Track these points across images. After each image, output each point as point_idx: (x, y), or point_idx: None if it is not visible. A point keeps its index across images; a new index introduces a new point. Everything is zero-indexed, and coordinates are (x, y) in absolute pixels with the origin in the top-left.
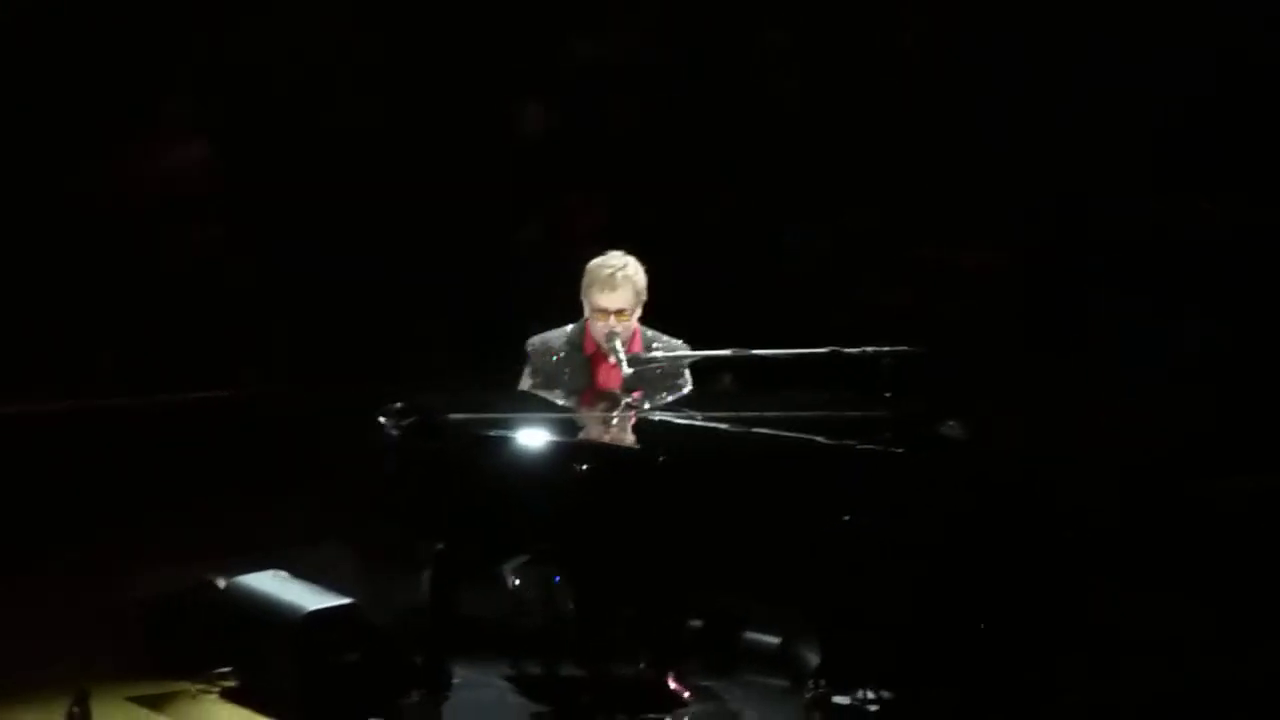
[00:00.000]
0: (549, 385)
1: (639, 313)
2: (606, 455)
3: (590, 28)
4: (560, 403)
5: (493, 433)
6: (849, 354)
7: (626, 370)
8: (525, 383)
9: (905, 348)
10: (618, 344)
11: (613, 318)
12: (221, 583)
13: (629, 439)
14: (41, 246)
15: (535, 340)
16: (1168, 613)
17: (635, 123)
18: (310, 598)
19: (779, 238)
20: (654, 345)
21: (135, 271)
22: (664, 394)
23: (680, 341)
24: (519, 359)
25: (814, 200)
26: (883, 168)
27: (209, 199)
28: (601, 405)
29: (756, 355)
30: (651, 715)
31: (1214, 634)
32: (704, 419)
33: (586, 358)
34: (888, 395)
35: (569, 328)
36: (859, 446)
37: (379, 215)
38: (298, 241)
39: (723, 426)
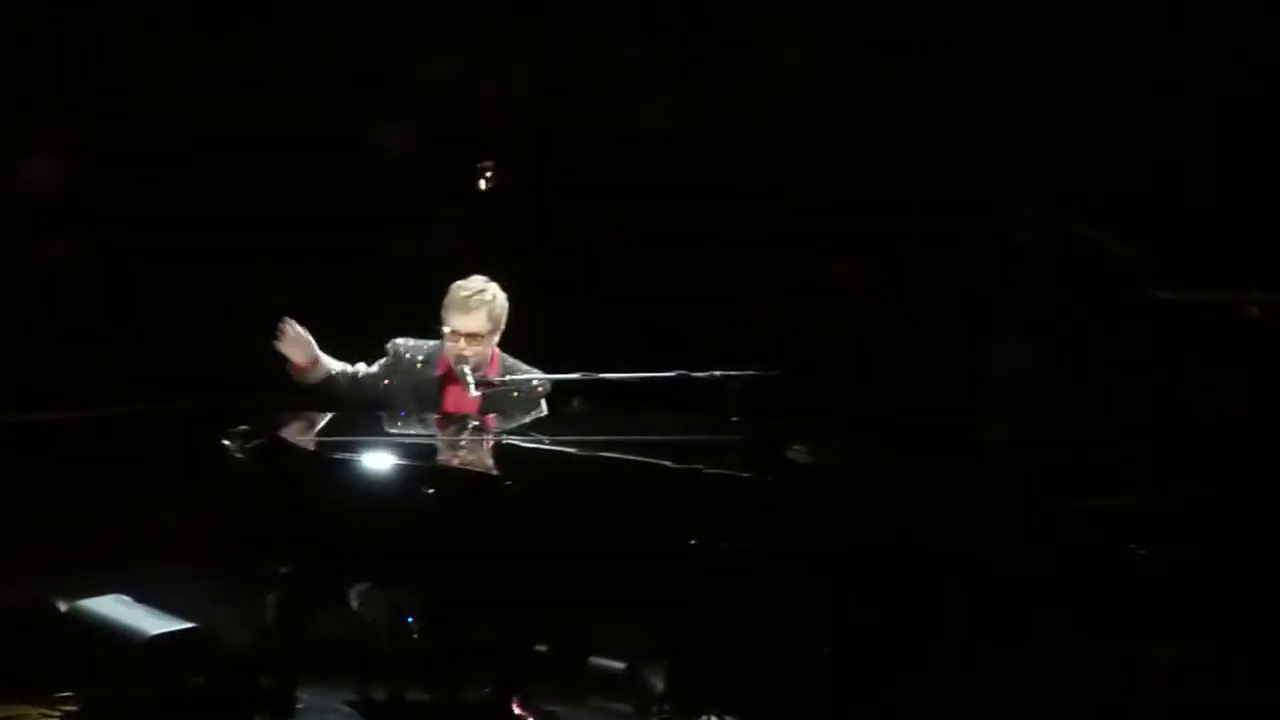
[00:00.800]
0: (389, 388)
1: (495, 339)
2: (455, 479)
3: (455, 47)
4: (397, 419)
5: (341, 455)
6: (697, 378)
7: (473, 393)
8: (371, 368)
9: (754, 371)
10: (466, 369)
11: (463, 340)
12: (63, 606)
13: (478, 463)
14: None
15: (401, 341)
16: (1034, 632)
17: (501, 142)
18: (154, 622)
19: (651, 256)
20: (515, 372)
21: None
22: (518, 420)
23: (538, 372)
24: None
25: (682, 216)
26: (754, 183)
27: (65, 212)
28: (451, 428)
29: (605, 379)
30: None
31: (1079, 649)
32: (552, 442)
33: (439, 377)
34: (735, 419)
35: (434, 343)
36: (705, 470)
37: (233, 232)
38: (144, 255)
39: (572, 450)
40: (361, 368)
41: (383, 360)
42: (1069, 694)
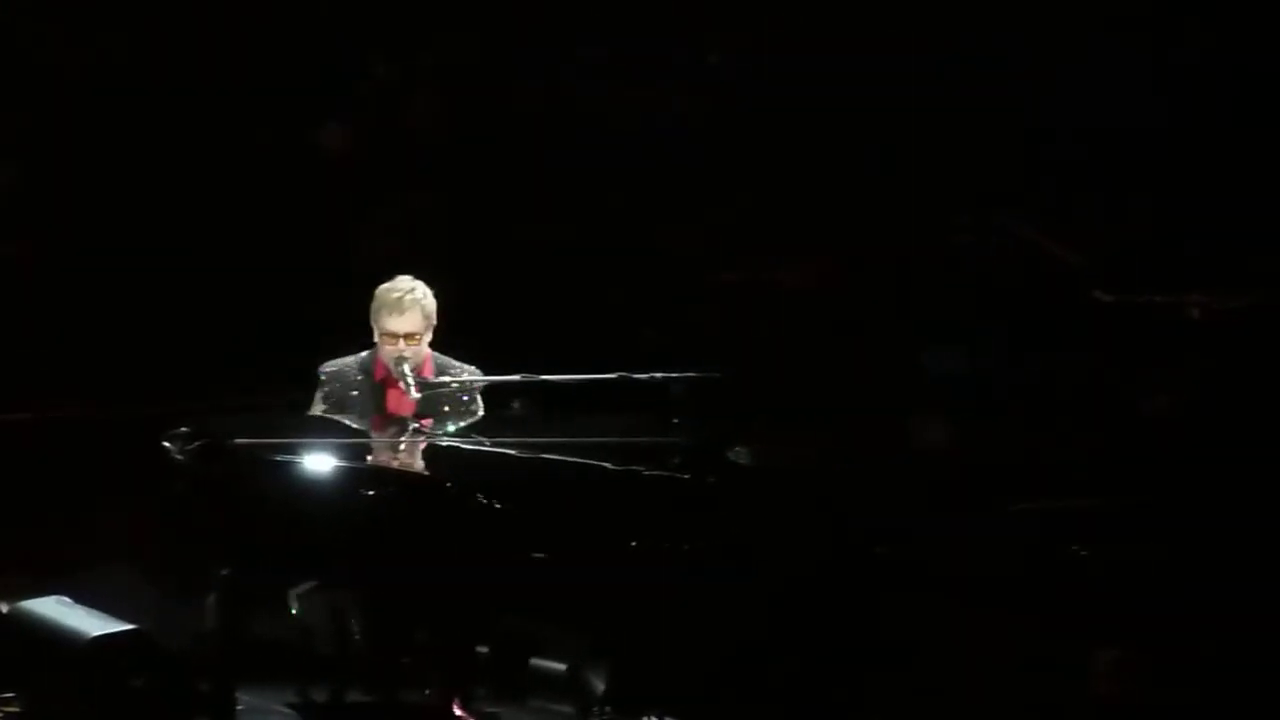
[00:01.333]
0: (340, 409)
1: (429, 337)
2: (394, 481)
3: (398, 47)
4: (352, 426)
5: (280, 457)
6: (638, 379)
7: (414, 395)
8: (317, 408)
9: (695, 373)
10: (406, 369)
11: (402, 341)
12: (4, 608)
13: (417, 464)
14: None
15: (328, 366)
16: (979, 630)
17: (436, 139)
18: (95, 624)
19: (587, 258)
20: (447, 371)
21: None
22: (454, 420)
23: (472, 369)
24: (308, 382)
25: (624, 219)
26: (698, 186)
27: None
28: (390, 430)
29: (545, 380)
30: None
31: (1034, 651)
32: (492, 444)
33: (378, 383)
34: (676, 421)
35: (362, 354)
36: (646, 472)
37: (176, 230)
38: (90, 258)
39: (511, 452)
40: (317, 408)
41: (319, 394)
42: (1011, 695)
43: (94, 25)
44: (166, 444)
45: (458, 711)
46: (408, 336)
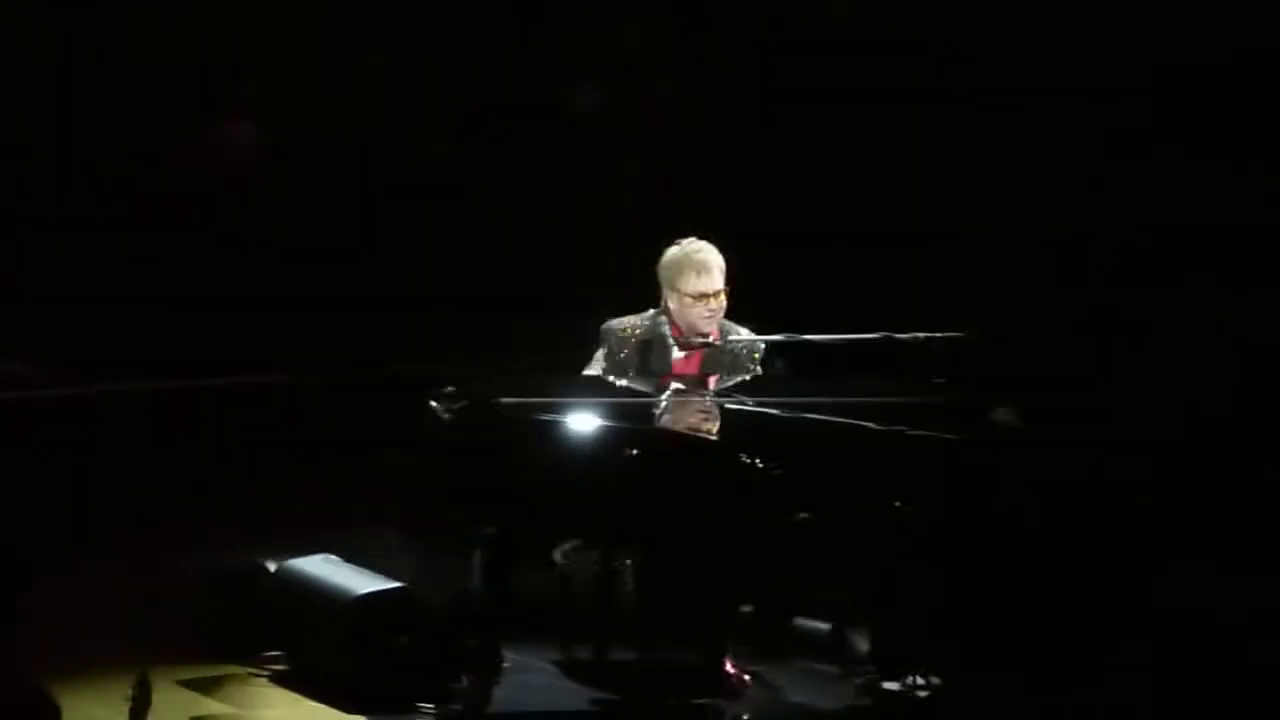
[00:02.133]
0: (619, 371)
1: (728, 290)
2: (657, 440)
3: None
4: (635, 386)
5: (544, 416)
6: (901, 339)
7: (676, 354)
8: (595, 366)
9: (957, 333)
10: (666, 330)
11: (711, 300)
12: (272, 566)
13: (703, 421)
14: None
15: (612, 324)
16: (1222, 601)
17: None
18: (361, 581)
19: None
20: (728, 332)
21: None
22: (736, 378)
23: (749, 331)
24: (570, 343)
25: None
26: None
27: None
28: (669, 391)
29: (809, 340)
30: (702, 700)
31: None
32: (755, 404)
33: (664, 342)
34: (939, 381)
35: (648, 313)
36: (910, 432)
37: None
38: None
39: (774, 411)
40: (596, 366)
41: (603, 352)
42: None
43: None
44: (434, 403)
45: (724, 671)
46: (715, 294)
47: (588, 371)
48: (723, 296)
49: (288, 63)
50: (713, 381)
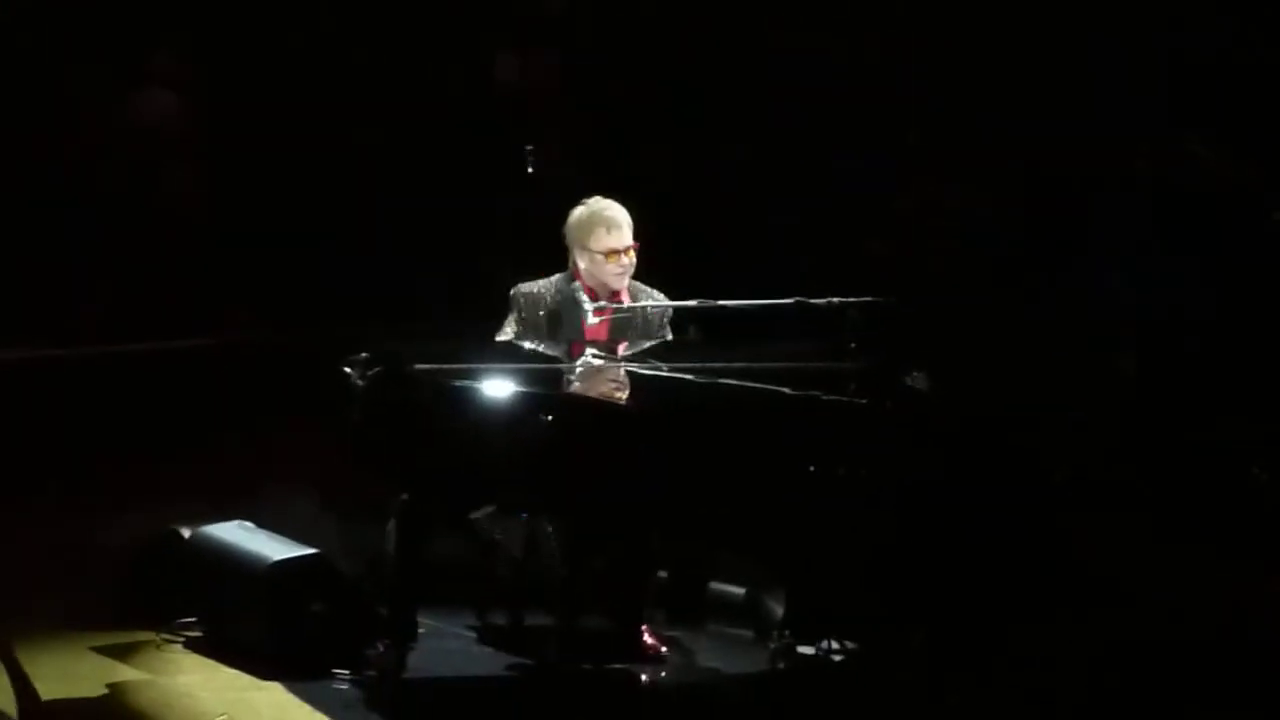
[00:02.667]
0: (533, 334)
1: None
2: (572, 405)
3: None
4: (544, 352)
5: (459, 382)
6: (814, 304)
7: (591, 320)
8: (507, 331)
9: (871, 298)
10: (581, 294)
11: (623, 256)
12: (187, 532)
13: (614, 388)
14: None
15: (522, 288)
16: (1139, 558)
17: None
18: (276, 548)
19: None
20: (638, 294)
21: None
22: (644, 344)
23: (660, 294)
24: (487, 309)
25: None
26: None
27: (189, 143)
28: (583, 355)
29: (722, 306)
30: (619, 665)
31: (1195, 573)
32: (669, 369)
33: (575, 307)
34: (853, 346)
35: (556, 277)
36: (824, 397)
37: (347, 155)
38: (273, 185)
39: (689, 377)
40: (507, 331)
41: (513, 316)
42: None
43: None
44: (347, 369)
45: (647, 637)
46: (625, 250)
47: (500, 337)
48: (632, 253)
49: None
50: (622, 346)
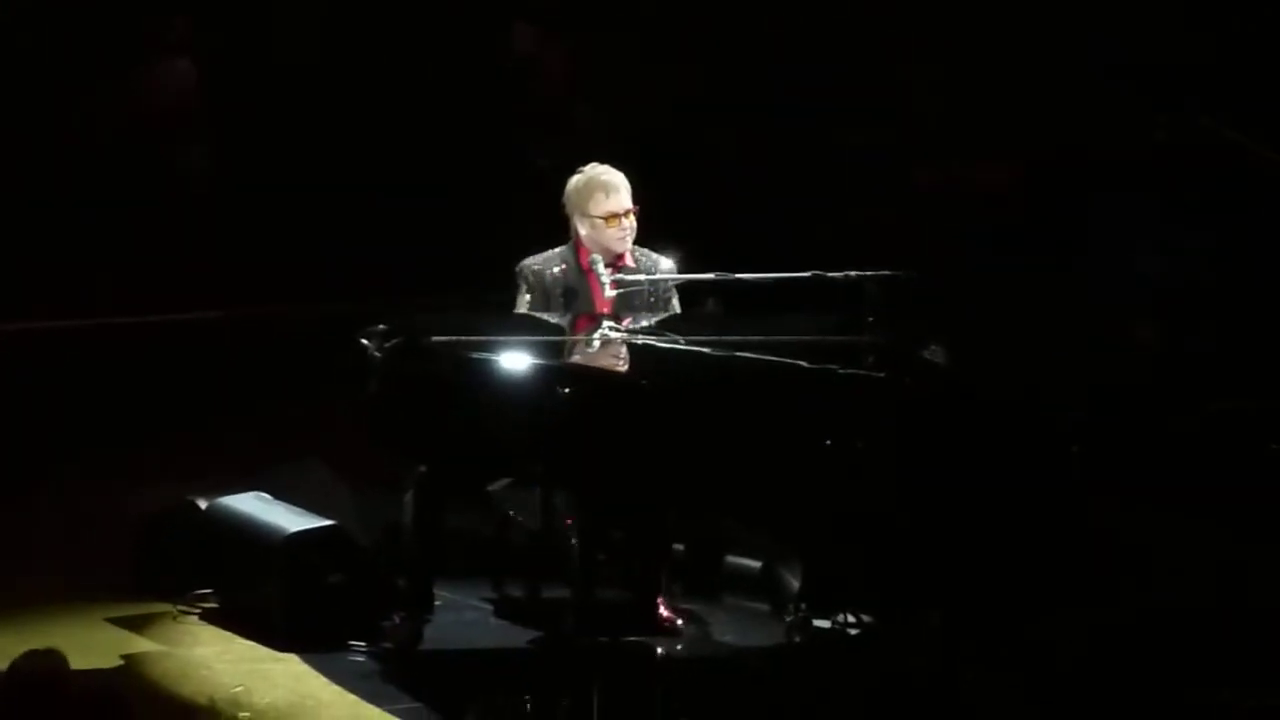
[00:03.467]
0: (544, 306)
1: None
2: (590, 378)
3: None
4: (556, 322)
5: (476, 355)
6: (832, 278)
7: (609, 292)
8: (522, 305)
9: (890, 271)
10: (600, 266)
11: (623, 219)
12: (203, 504)
13: (613, 362)
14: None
15: (528, 262)
16: (1163, 533)
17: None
18: (293, 519)
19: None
20: (646, 261)
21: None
22: (652, 316)
23: (668, 260)
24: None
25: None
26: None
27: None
28: (591, 328)
29: (739, 279)
30: (635, 639)
31: (1213, 555)
32: (687, 342)
33: (583, 275)
34: (871, 319)
35: (559, 249)
36: (841, 371)
37: (366, 132)
38: (289, 161)
39: (706, 350)
40: (523, 305)
41: (523, 290)
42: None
43: None
44: (364, 341)
45: (663, 610)
46: (626, 214)
47: (517, 310)
48: (633, 215)
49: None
50: (628, 320)
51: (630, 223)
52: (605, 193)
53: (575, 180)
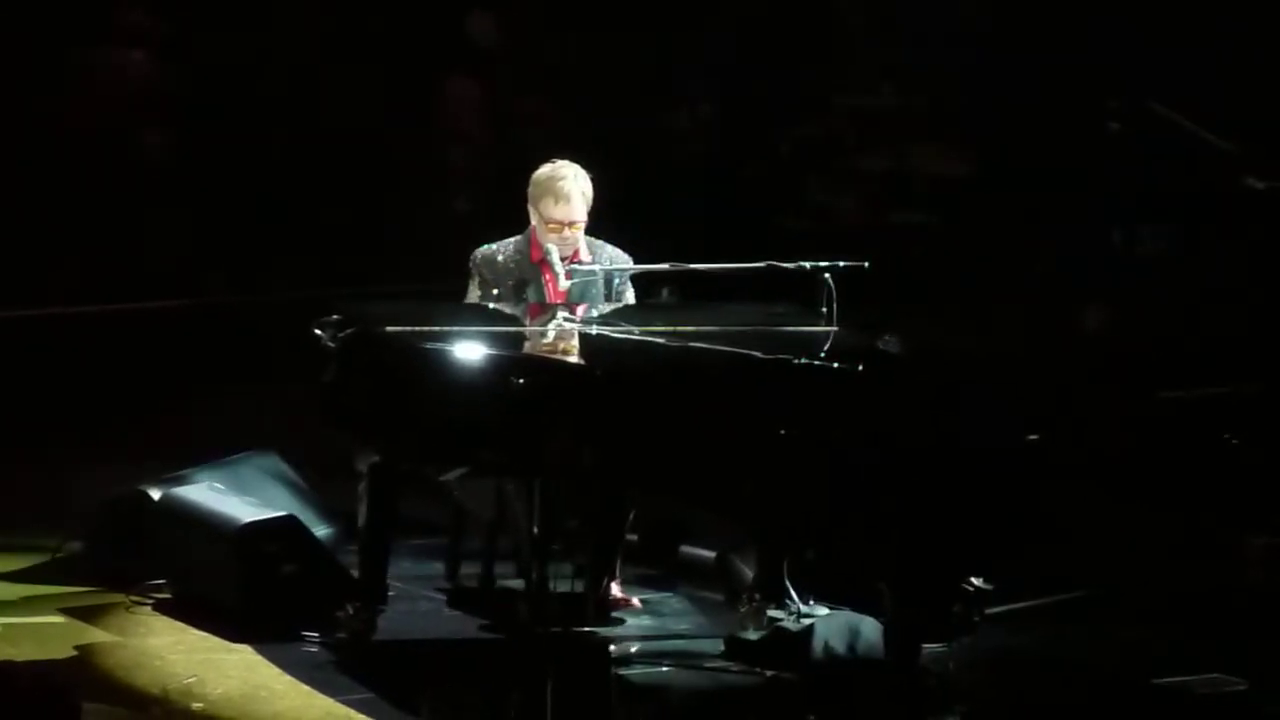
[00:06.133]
0: (497, 297)
1: (585, 222)
2: (544, 367)
3: None
4: (508, 312)
5: (430, 344)
6: (785, 268)
7: (564, 283)
8: (473, 294)
9: (843, 262)
10: (555, 257)
11: (566, 229)
12: (156, 493)
13: (569, 351)
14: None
15: (481, 251)
16: (1118, 522)
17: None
18: (246, 509)
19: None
20: (599, 254)
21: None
22: (606, 306)
23: (621, 252)
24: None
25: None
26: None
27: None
28: (544, 318)
29: (692, 269)
30: (588, 628)
31: (1159, 543)
32: (641, 332)
33: (535, 266)
34: (824, 310)
35: (514, 239)
36: (795, 361)
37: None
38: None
39: (660, 340)
40: (473, 295)
41: (475, 281)
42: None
43: None
44: (318, 330)
45: (615, 593)
46: (570, 224)
47: (467, 300)
48: (578, 228)
49: None
50: (582, 309)
51: (572, 234)
52: (555, 198)
53: (540, 172)
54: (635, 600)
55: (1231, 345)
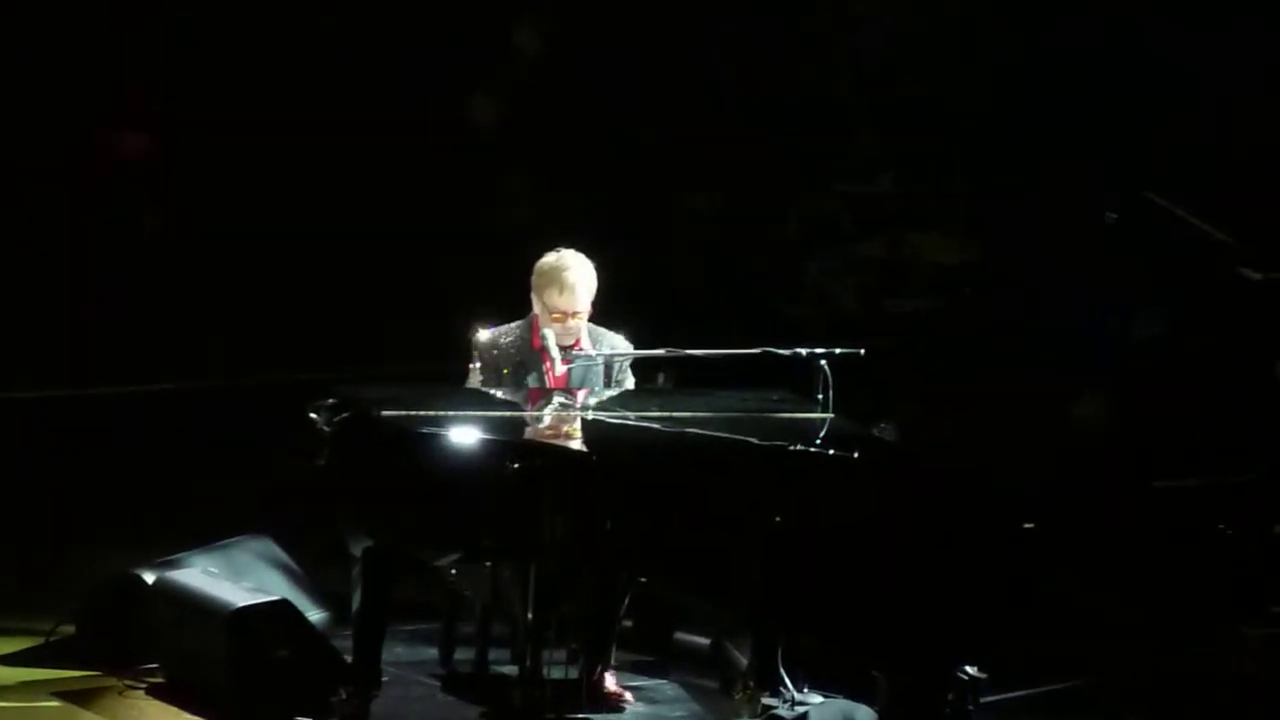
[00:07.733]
0: (495, 381)
1: (588, 313)
2: (540, 452)
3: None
4: (506, 398)
5: (426, 429)
6: (781, 355)
7: (560, 369)
8: (474, 379)
9: (840, 349)
10: (552, 344)
11: (570, 319)
12: (149, 577)
13: (567, 437)
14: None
15: (484, 335)
16: (1114, 607)
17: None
18: (240, 594)
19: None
20: (599, 340)
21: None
22: (606, 391)
23: (622, 338)
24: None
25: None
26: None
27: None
28: (543, 403)
29: (689, 355)
30: (583, 715)
31: (1154, 629)
32: (637, 418)
33: (536, 353)
34: (820, 396)
35: (517, 324)
36: (790, 448)
37: (320, 200)
38: (234, 229)
39: (656, 425)
40: (474, 379)
41: (474, 365)
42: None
43: None
44: (313, 415)
45: (609, 685)
46: (573, 314)
47: (468, 384)
48: (581, 318)
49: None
50: (583, 394)
51: (575, 324)
52: (560, 289)
53: (544, 261)
54: (628, 695)
55: (1226, 434)
